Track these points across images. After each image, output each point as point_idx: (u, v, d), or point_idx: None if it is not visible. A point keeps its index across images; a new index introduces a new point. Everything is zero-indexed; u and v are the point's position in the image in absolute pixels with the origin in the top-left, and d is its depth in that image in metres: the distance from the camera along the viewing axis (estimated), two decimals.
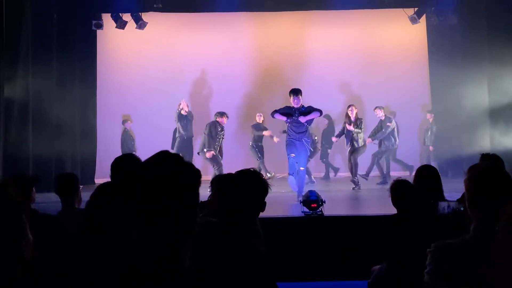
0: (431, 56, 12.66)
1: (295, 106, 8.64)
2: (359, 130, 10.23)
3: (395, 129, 11.08)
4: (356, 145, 10.22)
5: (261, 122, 11.66)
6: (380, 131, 10.97)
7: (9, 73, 9.40)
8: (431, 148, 11.91)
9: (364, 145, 10.41)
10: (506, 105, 10.25)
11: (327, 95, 12.88)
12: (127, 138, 12.12)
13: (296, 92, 8.66)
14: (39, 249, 2.30)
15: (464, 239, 2.20)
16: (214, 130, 10.10)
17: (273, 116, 8.93)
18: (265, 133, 11.53)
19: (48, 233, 2.91)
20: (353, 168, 10.19)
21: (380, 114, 11.12)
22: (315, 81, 12.90)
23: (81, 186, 4.32)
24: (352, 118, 10.28)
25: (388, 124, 10.93)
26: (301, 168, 8.60)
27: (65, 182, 4.19)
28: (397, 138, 11.07)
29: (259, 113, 11.61)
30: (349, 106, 10.45)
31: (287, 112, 8.74)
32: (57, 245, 2.77)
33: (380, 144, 11.15)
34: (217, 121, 10.25)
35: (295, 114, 8.61)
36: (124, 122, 12.35)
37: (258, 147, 11.60)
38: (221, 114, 10.34)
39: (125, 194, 2.02)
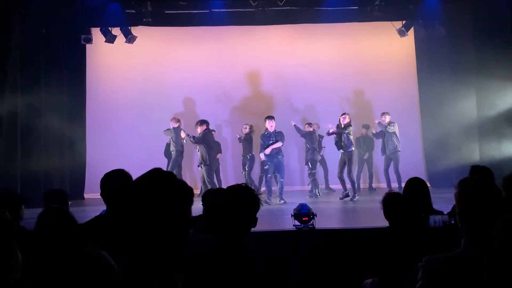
0: (419, 69, 12.76)
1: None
2: (350, 130, 10.38)
3: (396, 132, 11.21)
4: (346, 147, 10.28)
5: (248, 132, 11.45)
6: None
7: None
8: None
9: (353, 151, 10.54)
10: (495, 116, 10.34)
11: (316, 107, 12.97)
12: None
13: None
14: (27, 268, 2.26)
15: (455, 253, 2.20)
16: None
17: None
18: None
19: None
20: (353, 185, 10.43)
21: (386, 121, 11.27)
22: (304, 94, 12.97)
23: (70, 202, 4.29)
24: (343, 124, 10.38)
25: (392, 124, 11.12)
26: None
27: (54, 198, 4.15)
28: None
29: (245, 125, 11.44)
30: (342, 114, 10.54)
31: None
32: (46, 263, 2.74)
33: (383, 150, 11.26)
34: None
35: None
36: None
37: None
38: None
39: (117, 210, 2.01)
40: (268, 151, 10.13)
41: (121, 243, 1.49)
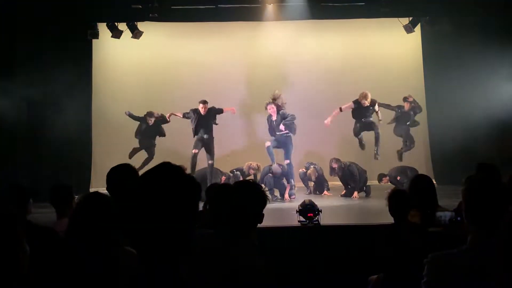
0: (426, 65, 12.69)
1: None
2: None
3: None
4: None
5: None
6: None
7: (3, 82, 9.39)
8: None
9: None
10: (502, 114, 10.30)
11: (321, 103, 12.92)
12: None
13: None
14: (34, 261, 2.28)
15: (461, 249, 2.20)
16: None
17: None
18: None
19: (44, 244, 2.89)
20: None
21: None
22: (310, 89, 12.95)
23: (76, 197, 4.30)
24: None
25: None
26: None
27: (60, 193, 4.16)
28: None
29: None
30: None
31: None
32: (53, 256, 2.75)
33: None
34: None
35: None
36: None
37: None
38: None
39: (123, 204, 2.01)
40: None
41: (128, 234, 1.50)
